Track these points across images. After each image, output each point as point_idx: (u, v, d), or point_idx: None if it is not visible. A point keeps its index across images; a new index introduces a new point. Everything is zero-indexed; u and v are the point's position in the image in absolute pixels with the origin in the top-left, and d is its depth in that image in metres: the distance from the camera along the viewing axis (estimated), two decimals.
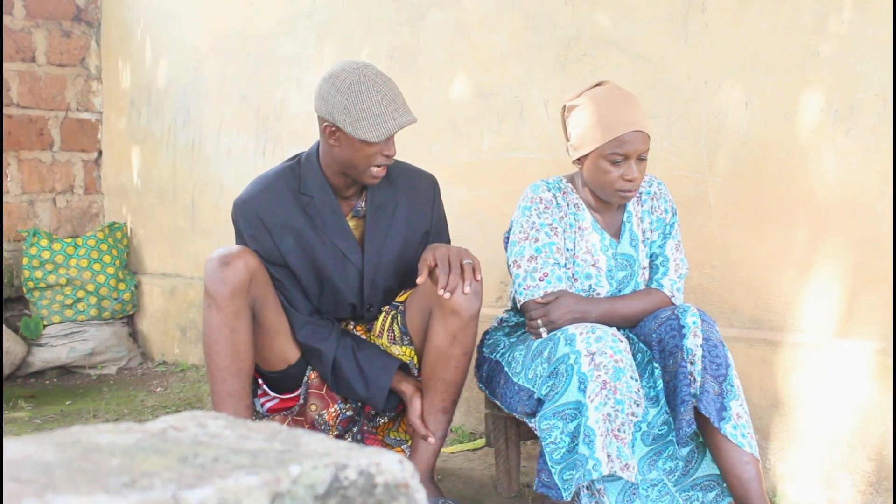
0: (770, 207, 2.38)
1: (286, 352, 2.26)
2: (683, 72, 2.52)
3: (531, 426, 2.07)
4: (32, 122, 4.43)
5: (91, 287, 4.27)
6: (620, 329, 2.10)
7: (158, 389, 3.85)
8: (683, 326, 1.96)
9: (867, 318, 2.22)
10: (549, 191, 2.17)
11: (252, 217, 2.20)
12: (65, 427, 0.79)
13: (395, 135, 2.12)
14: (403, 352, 2.26)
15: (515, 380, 2.09)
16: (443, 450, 2.52)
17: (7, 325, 4.16)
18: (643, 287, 2.19)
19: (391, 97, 2.07)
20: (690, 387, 1.91)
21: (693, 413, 1.90)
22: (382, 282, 2.27)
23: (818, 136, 2.28)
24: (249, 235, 2.21)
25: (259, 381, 2.31)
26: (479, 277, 2.09)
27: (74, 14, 4.56)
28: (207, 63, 4.11)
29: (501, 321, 2.32)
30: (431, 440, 2.19)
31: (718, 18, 2.45)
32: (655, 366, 2.01)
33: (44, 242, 4.24)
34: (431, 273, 2.08)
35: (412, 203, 2.28)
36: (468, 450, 2.85)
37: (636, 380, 1.92)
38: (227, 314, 2.10)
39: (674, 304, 2.13)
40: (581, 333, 1.92)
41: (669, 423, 1.97)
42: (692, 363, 1.93)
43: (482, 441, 2.86)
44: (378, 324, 2.30)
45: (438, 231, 2.34)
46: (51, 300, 4.21)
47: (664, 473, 1.98)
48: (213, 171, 4.12)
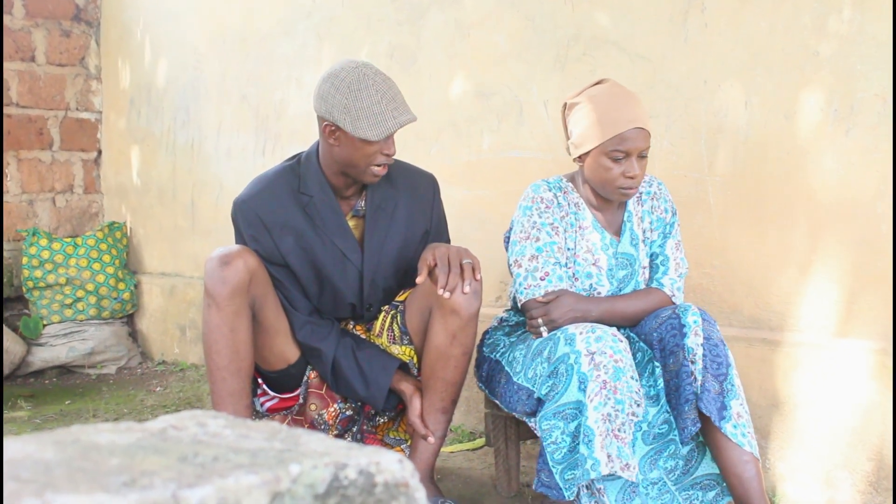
0: (770, 207, 2.38)
1: (286, 351, 2.26)
2: (683, 71, 2.52)
3: (531, 426, 2.07)
4: (32, 122, 4.43)
5: (90, 287, 4.26)
6: (621, 328, 2.11)
7: (158, 389, 3.85)
8: (684, 325, 1.96)
9: (867, 318, 2.22)
10: (550, 190, 2.17)
11: (252, 217, 2.20)
12: (64, 426, 0.79)
13: (395, 134, 2.12)
14: (403, 351, 2.26)
15: (515, 379, 2.09)
16: (442, 449, 2.52)
17: (7, 325, 4.16)
18: (643, 286, 2.19)
19: (391, 96, 2.07)
20: (693, 385, 1.91)
21: (696, 412, 1.90)
22: (382, 281, 2.26)
23: (818, 136, 2.28)
24: (249, 235, 2.21)
25: (259, 381, 2.31)
26: (479, 277, 2.09)
27: (74, 13, 4.56)
28: (207, 63, 4.11)
29: (501, 321, 2.32)
30: (431, 440, 2.19)
31: (718, 18, 2.45)
32: (656, 365, 2.01)
33: (43, 242, 4.24)
34: (431, 273, 2.08)
35: (412, 203, 2.28)
36: (468, 449, 2.85)
37: (636, 379, 1.92)
38: (227, 314, 2.10)
39: (674, 304, 2.13)
40: (581, 333, 1.92)
41: (670, 422, 1.97)
42: (693, 362, 1.93)
43: (482, 440, 2.86)
44: (378, 323, 2.30)
45: (438, 231, 2.34)
46: (50, 300, 4.21)
47: (664, 472, 1.98)
48: (213, 171, 4.12)
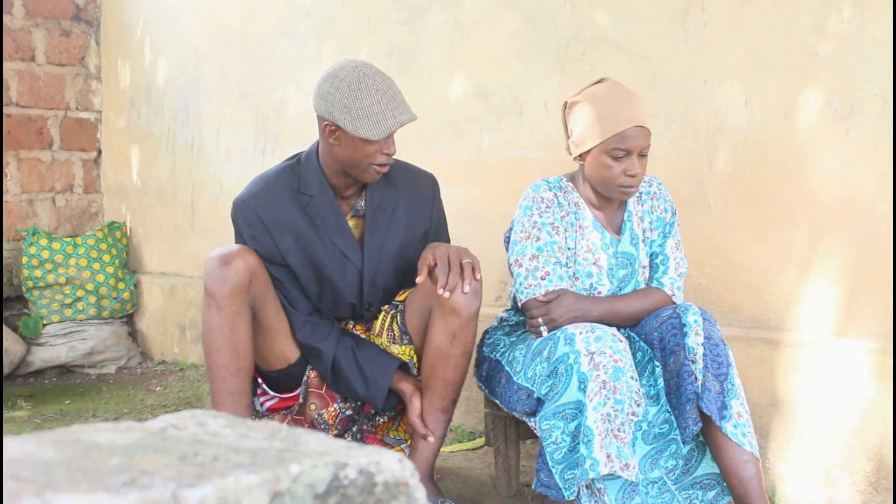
0: (770, 207, 2.38)
1: (286, 351, 2.26)
2: (683, 71, 2.52)
3: (531, 425, 2.07)
4: (32, 122, 4.43)
5: (90, 286, 4.26)
6: (621, 328, 2.11)
7: (158, 388, 3.85)
8: (685, 325, 1.96)
9: (866, 318, 2.22)
10: (550, 190, 2.17)
11: (252, 216, 2.20)
12: (64, 426, 0.79)
13: (395, 133, 2.12)
14: (403, 351, 2.26)
15: (515, 379, 2.09)
16: (442, 449, 2.52)
17: (6, 325, 4.16)
18: (643, 286, 2.19)
19: (391, 95, 2.07)
20: (693, 385, 1.91)
21: (698, 411, 1.90)
22: (382, 281, 2.26)
23: (818, 136, 2.28)
24: (249, 235, 2.21)
25: (259, 381, 2.31)
26: (479, 276, 2.09)
27: (74, 13, 4.56)
28: (207, 62, 4.11)
29: (501, 320, 2.32)
30: (431, 439, 2.19)
31: (718, 18, 2.45)
32: (656, 364, 2.01)
33: (43, 242, 4.24)
34: (431, 272, 2.08)
35: (412, 202, 2.28)
36: (467, 449, 2.85)
37: (636, 379, 1.92)
38: (227, 313, 2.10)
39: (674, 303, 2.13)
40: (580, 333, 1.92)
41: (671, 422, 1.97)
42: (693, 361, 1.93)
43: (481, 440, 2.86)
44: (378, 323, 2.30)
45: (438, 230, 2.34)
46: (50, 299, 4.21)
47: (664, 471, 1.98)
48: (213, 171, 4.12)
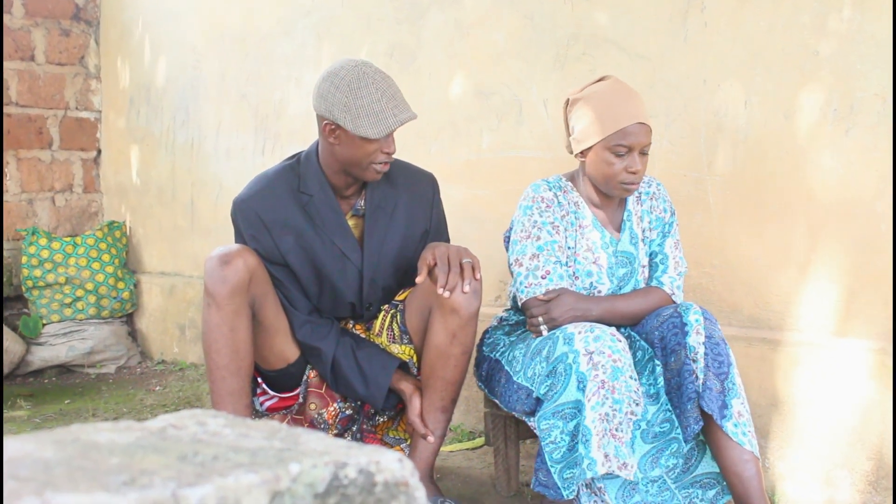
0: (769, 206, 2.38)
1: (285, 351, 2.26)
2: (683, 71, 2.52)
3: (530, 425, 2.07)
4: (31, 121, 4.42)
5: (90, 286, 4.26)
6: (622, 327, 2.11)
7: (157, 388, 3.85)
8: (686, 324, 1.96)
9: (866, 317, 2.22)
10: (550, 189, 2.17)
11: (251, 216, 2.20)
12: (64, 426, 0.79)
13: (395, 133, 2.12)
14: (403, 350, 2.26)
15: (515, 378, 2.09)
16: (442, 448, 2.52)
17: (6, 324, 4.16)
18: (643, 285, 2.19)
19: (391, 94, 2.07)
20: (694, 384, 1.91)
21: (699, 410, 1.91)
22: (382, 281, 2.26)
23: (817, 135, 2.28)
24: (249, 234, 2.21)
25: (258, 380, 2.31)
26: (479, 276, 2.09)
27: (73, 13, 4.56)
28: (206, 62, 4.11)
29: (501, 320, 2.32)
30: (431, 439, 2.19)
31: (717, 17, 2.45)
32: (656, 363, 2.02)
33: (43, 241, 4.23)
34: (431, 272, 2.08)
35: (411, 202, 2.28)
36: (467, 448, 2.85)
37: (635, 379, 1.92)
38: (227, 313, 2.10)
39: (674, 302, 2.13)
40: (579, 333, 1.93)
41: (671, 421, 1.97)
42: (694, 360, 1.93)
43: (481, 440, 2.86)
44: (377, 323, 2.30)
45: (437, 230, 2.34)
46: (50, 299, 4.21)
47: (664, 470, 1.98)
48: (212, 171, 4.12)
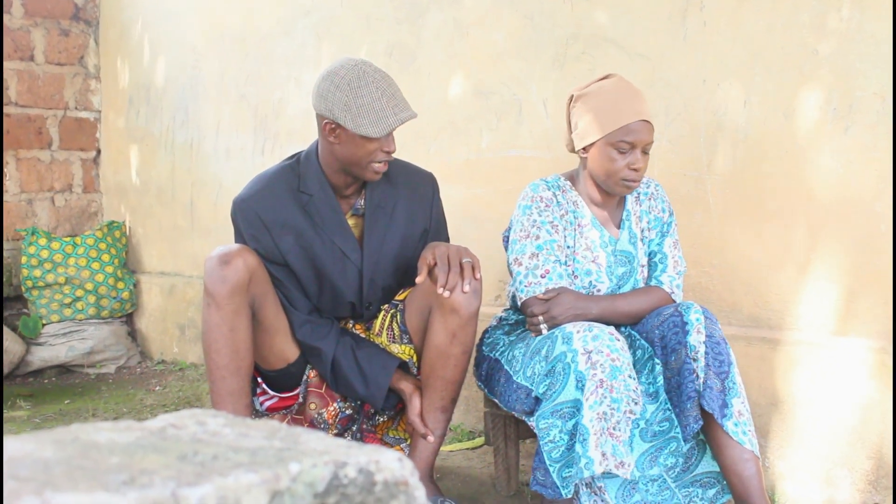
0: (769, 206, 2.38)
1: (285, 350, 2.26)
2: (682, 70, 2.52)
3: (530, 424, 2.07)
4: (31, 121, 4.42)
5: (90, 286, 4.26)
6: (622, 326, 2.11)
7: (157, 388, 3.85)
8: (687, 323, 1.96)
9: (866, 317, 2.22)
10: (549, 189, 2.17)
11: (251, 216, 2.20)
12: (64, 425, 0.79)
13: (394, 133, 2.12)
14: (403, 350, 2.26)
15: (514, 378, 2.09)
16: (442, 448, 2.52)
17: (6, 324, 4.15)
18: (642, 284, 2.19)
19: (391, 93, 2.07)
20: (695, 383, 1.91)
21: (699, 409, 1.91)
22: (381, 280, 2.26)
23: (817, 135, 2.28)
24: (249, 234, 2.21)
25: (258, 380, 2.31)
26: (479, 276, 2.09)
27: (73, 13, 4.56)
28: (206, 62, 4.11)
29: (501, 319, 2.32)
30: (431, 438, 2.19)
31: (717, 17, 2.45)
32: (656, 362, 2.02)
33: (42, 241, 4.23)
34: (431, 272, 2.08)
35: (411, 202, 2.28)
36: (467, 448, 2.85)
37: (634, 378, 1.92)
38: (227, 313, 2.10)
39: (674, 301, 2.13)
40: (578, 332, 1.93)
41: (671, 420, 1.97)
42: (695, 360, 1.93)
43: (481, 439, 2.86)
44: (377, 322, 2.30)
45: (437, 230, 2.34)
46: (49, 299, 4.21)
47: (664, 469, 1.98)
48: (212, 170, 4.12)
